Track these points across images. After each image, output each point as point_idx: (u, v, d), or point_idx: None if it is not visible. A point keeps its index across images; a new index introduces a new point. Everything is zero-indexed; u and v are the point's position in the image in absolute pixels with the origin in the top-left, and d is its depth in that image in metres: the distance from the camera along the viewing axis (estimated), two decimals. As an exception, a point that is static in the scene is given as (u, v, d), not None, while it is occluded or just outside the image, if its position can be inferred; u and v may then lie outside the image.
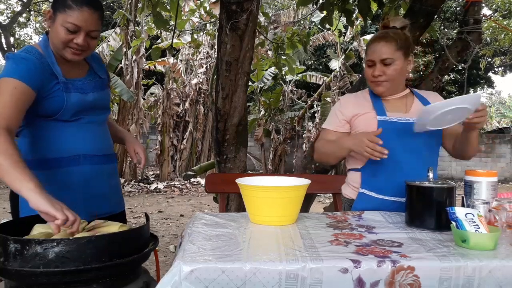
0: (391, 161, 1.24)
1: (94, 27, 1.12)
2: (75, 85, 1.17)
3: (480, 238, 0.87)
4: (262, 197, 1.04)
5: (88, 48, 1.15)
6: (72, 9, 1.08)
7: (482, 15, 2.26)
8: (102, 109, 1.25)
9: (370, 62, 1.29)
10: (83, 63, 1.25)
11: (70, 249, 0.90)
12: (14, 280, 0.95)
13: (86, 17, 1.09)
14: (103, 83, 1.26)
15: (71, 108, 1.14)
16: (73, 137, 1.16)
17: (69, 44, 1.11)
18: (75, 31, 1.10)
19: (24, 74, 1.06)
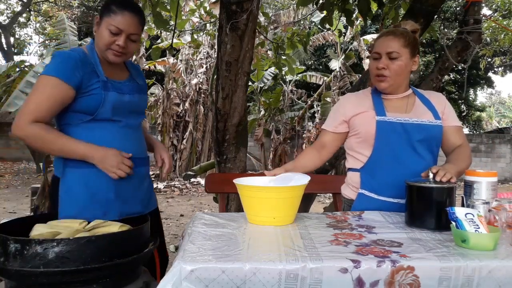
0: (390, 162, 1.24)
1: (134, 30, 1.21)
2: (114, 85, 1.23)
3: (480, 238, 0.87)
4: (259, 197, 1.04)
5: (127, 51, 1.23)
6: (116, 14, 1.19)
7: (482, 15, 2.25)
8: (138, 113, 1.32)
9: (376, 54, 1.28)
10: (124, 68, 1.33)
11: (70, 249, 0.90)
12: (14, 280, 0.95)
13: (127, 21, 1.19)
14: (140, 88, 1.33)
15: (108, 106, 1.19)
16: (110, 138, 1.21)
17: (111, 46, 1.20)
18: (117, 33, 1.19)
19: (65, 72, 1.14)
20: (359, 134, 1.30)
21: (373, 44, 1.32)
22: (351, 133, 1.33)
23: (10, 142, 10.93)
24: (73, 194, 1.19)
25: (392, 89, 1.30)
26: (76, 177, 1.18)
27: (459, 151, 1.27)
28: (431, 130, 1.26)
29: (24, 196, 5.76)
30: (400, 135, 1.25)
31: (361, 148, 1.30)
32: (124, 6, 1.19)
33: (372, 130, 1.26)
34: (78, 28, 9.34)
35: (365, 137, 1.28)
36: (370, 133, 1.26)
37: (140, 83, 1.34)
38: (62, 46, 7.29)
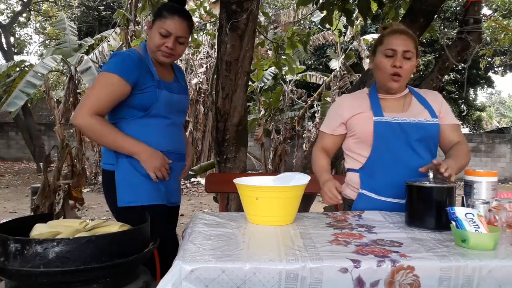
0: (389, 162, 1.24)
1: (182, 33, 1.31)
2: (165, 85, 1.33)
3: (480, 238, 0.87)
4: (259, 197, 1.04)
5: (176, 53, 1.33)
6: (166, 18, 1.29)
7: (482, 15, 2.25)
8: (183, 112, 1.44)
9: (391, 51, 1.24)
10: (170, 70, 1.43)
11: (70, 249, 0.90)
12: (14, 280, 0.95)
13: (176, 24, 1.30)
14: (184, 89, 1.44)
15: (161, 104, 1.30)
16: (159, 134, 1.31)
17: (161, 47, 1.30)
18: (166, 36, 1.29)
19: (124, 69, 1.25)
20: (356, 135, 1.30)
21: (382, 40, 1.28)
22: (348, 134, 1.33)
23: (11, 142, 10.93)
24: (129, 180, 1.29)
25: (399, 89, 1.30)
26: (129, 165, 1.29)
27: (458, 148, 1.27)
28: (428, 128, 1.26)
29: (24, 196, 5.76)
30: (398, 134, 1.25)
31: (359, 149, 1.30)
32: (174, 11, 1.30)
33: (370, 131, 1.25)
34: (78, 28, 9.34)
35: (363, 138, 1.28)
36: (367, 134, 1.26)
37: (183, 84, 1.45)
38: (62, 46, 7.31)
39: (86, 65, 6.06)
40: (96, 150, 7.30)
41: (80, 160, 2.44)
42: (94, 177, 7.46)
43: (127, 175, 1.29)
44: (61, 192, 2.20)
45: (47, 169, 2.27)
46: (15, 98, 5.63)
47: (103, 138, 1.25)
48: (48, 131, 10.20)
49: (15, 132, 10.64)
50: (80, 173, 2.31)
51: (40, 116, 11.60)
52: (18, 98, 5.64)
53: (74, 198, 2.27)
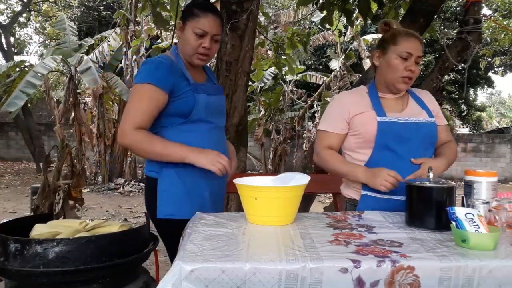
0: (391, 161, 1.24)
1: (217, 31, 1.27)
2: (201, 88, 1.28)
3: (480, 238, 0.87)
4: (259, 197, 1.04)
5: (211, 52, 1.28)
6: (199, 17, 1.24)
7: (482, 15, 2.25)
8: (223, 113, 1.37)
9: (407, 54, 1.25)
10: (202, 71, 1.38)
11: (70, 249, 0.90)
12: (14, 280, 0.95)
13: (211, 22, 1.24)
14: (220, 90, 1.39)
15: (201, 108, 1.25)
16: (203, 139, 1.26)
17: (198, 49, 1.25)
18: (202, 36, 1.24)
19: (159, 78, 1.20)
20: (360, 134, 1.29)
21: (396, 40, 1.27)
22: (350, 133, 1.32)
23: (11, 142, 10.94)
24: (171, 192, 1.24)
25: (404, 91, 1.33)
26: (174, 175, 1.24)
27: (449, 146, 1.36)
28: (428, 128, 1.28)
29: (24, 196, 5.76)
30: (401, 134, 1.25)
31: (360, 148, 1.30)
32: (207, 9, 1.25)
33: (374, 131, 1.25)
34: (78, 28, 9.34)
35: (366, 138, 1.27)
36: (371, 134, 1.26)
37: (216, 84, 1.40)
38: (62, 46, 7.31)
39: (86, 65, 6.07)
40: (96, 151, 7.31)
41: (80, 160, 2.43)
42: (94, 177, 7.47)
43: (171, 186, 1.23)
44: (61, 192, 2.20)
45: (47, 169, 2.26)
46: (15, 98, 5.63)
47: (150, 150, 1.19)
48: (48, 131, 10.20)
49: (15, 132, 10.64)
50: (80, 173, 2.30)
51: (40, 116, 11.60)
52: (18, 98, 5.64)
53: (74, 198, 2.27)
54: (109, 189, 6.76)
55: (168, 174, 1.24)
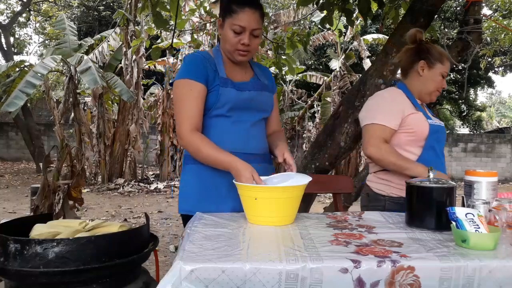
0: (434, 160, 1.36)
1: (256, 25, 1.21)
2: (234, 83, 1.25)
3: (480, 238, 0.87)
4: (259, 197, 1.04)
5: (252, 48, 1.24)
6: (236, 12, 1.20)
7: (482, 15, 2.25)
8: (258, 110, 1.31)
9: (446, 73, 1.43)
10: (248, 69, 1.35)
11: (70, 249, 0.90)
12: (14, 280, 0.95)
13: (249, 17, 1.20)
14: (263, 86, 1.33)
15: (224, 102, 1.22)
16: (225, 133, 1.25)
17: (237, 46, 1.22)
18: (240, 32, 1.21)
19: (194, 72, 1.22)
20: (414, 133, 1.37)
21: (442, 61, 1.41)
22: (402, 130, 1.38)
23: (10, 142, 10.94)
24: (188, 189, 1.26)
25: None
26: (192, 173, 1.26)
27: None
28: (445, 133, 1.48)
29: (24, 196, 5.76)
30: (441, 136, 1.42)
31: (410, 146, 1.38)
32: (243, 3, 1.20)
33: (426, 131, 1.36)
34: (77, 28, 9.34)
35: (419, 137, 1.37)
36: (423, 134, 1.36)
37: (265, 82, 1.35)
38: (61, 46, 7.31)
39: (86, 65, 6.06)
40: (96, 151, 7.31)
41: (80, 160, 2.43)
42: (94, 177, 7.47)
43: (190, 182, 1.25)
44: (61, 193, 2.20)
45: (46, 169, 2.26)
46: (14, 98, 5.63)
47: (199, 153, 1.20)
48: (48, 131, 10.21)
49: (14, 132, 10.64)
50: (79, 173, 2.30)
51: (40, 116, 11.61)
52: (18, 98, 5.64)
53: (74, 198, 2.26)
54: (109, 189, 6.76)
55: (188, 172, 1.26)
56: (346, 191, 1.80)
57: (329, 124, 2.39)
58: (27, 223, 1.09)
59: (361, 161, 8.14)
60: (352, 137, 2.27)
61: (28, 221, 1.12)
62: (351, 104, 2.27)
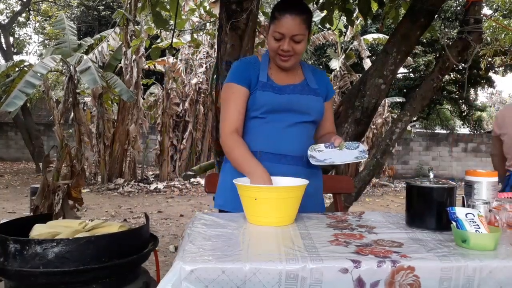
0: None
1: (297, 31, 1.22)
2: (273, 86, 1.27)
3: (480, 238, 0.87)
4: (259, 197, 1.03)
5: (294, 53, 1.25)
6: (277, 19, 1.22)
7: (483, 15, 2.25)
8: (299, 112, 1.30)
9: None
10: (299, 73, 1.35)
11: (70, 249, 0.90)
12: (14, 280, 0.95)
13: (288, 24, 1.21)
14: (309, 90, 1.33)
15: (260, 105, 1.26)
16: (257, 133, 1.28)
17: (278, 51, 1.25)
18: (280, 39, 1.23)
19: (236, 75, 1.28)
20: None
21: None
22: None
23: (10, 142, 10.93)
24: (222, 186, 1.33)
25: None
26: (227, 171, 1.31)
27: None
28: None
29: (24, 196, 5.76)
30: None
31: None
32: (284, 10, 1.21)
33: None
34: (77, 28, 9.34)
35: None
36: None
37: (313, 87, 1.34)
38: (61, 46, 7.31)
39: (86, 65, 6.06)
40: (95, 151, 7.31)
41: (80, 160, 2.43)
42: (94, 177, 7.47)
43: (226, 179, 1.30)
44: (60, 193, 2.20)
45: (46, 169, 2.26)
46: (14, 98, 5.63)
47: (231, 155, 1.25)
48: (47, 131, 10.20)
49: (14, 132, 10.64)
50: (79, 173, 2.30)
51: (39, 116, 11.60)
52: (18, 98, 5.63)
53: (74, 198, 2.26)
54: (109, 189, 6.76)
55: (225, 170, 1.33)
56: (346, 191, 1.79)
57: (329, 124, 2.39)
58: (26, 223, 1.09)
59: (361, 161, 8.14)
60: (352, 137, 2.26)
61: (27, 221, 1.12)
62: (351, 104, 2.27)
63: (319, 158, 1.23)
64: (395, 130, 2.27)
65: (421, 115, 12.27)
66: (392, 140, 2.29)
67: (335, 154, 1.23)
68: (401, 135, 2.34)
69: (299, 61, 1.32)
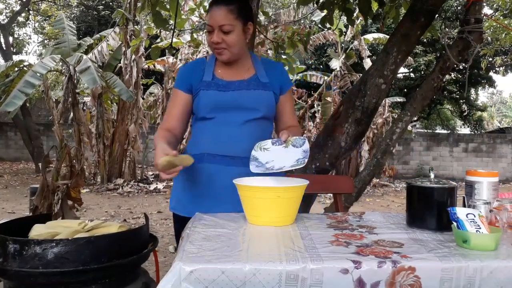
0: None
1: (223, 21, 1.19)
2: (219, 84, 1.26)
3: (481, 238, 0.86)
4: (259, 197, 1.03)
5: (227, 45, 1.22)
6: (208, 13, 1.23)
7: (483, 15, 2.25)
8: (246, 109, 1.25)
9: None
10: (250, 69, 1.31)
11: (69, 249, 0.90)
12: (13, 280, 0.95)
13: (215, 15, 1.21)
14: (258, 84, 1.28)
15: (203, 105, 1.25)
16: (203, 135, 1.27)
17: (212, 45, 1.24)
18: (210, 31, 1.22)
19: (179, 81, 1.30)
20: None
21: None
22: None
23: (9, 142, 10.93)
24: (174, 189, 1.32)
25: None
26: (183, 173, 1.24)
27: None
28: None
29: (23, 196, 5.75)
30: None
31: None
32: (212, 3, 1.22)
33: None
34: (77, 28, 9.34)
35: None
36: None
37: (263, 81, 1.29)
38: (61, 46, 7.30)
39: (85, 64, 6.06)
40: (95, 151, 7.31)
41: (79, 161, 2.43)
42: (93, 177, 7.46)
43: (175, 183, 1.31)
44: (60, 193, 2.19)
45: (45, 170, 2.26)
46: (13, 98, 5.62)
47: None
48: (47, 131, 10.20)
49: (13, 132, 10.64)
50: (79, 174, 2.30)
51: (39, 116, 11.60)
52: (17, 98, 5.63)
53: (73, 198, 2.26)
54: (108, 190, 6.75)
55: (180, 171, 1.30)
56: (346, 191, 1.79)
57: (329, 124, 2.39)
58: (26, 224, 1.08)
59: (361, 161, 8.14)
60: (352, 137, 2.26)
61: (27, 222, 1.12)
62: (352, 104, 2.26)
63: (261, 161, 1.19)
64: (395, 130, 2.27)
65: (422, 115, 12.27)
66: (392, 140, 2.28)
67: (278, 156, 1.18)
68: (402, 135, 2.33)
69: (239, 54, 1.25)
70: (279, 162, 1.17)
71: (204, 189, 1.25)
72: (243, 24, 1.22)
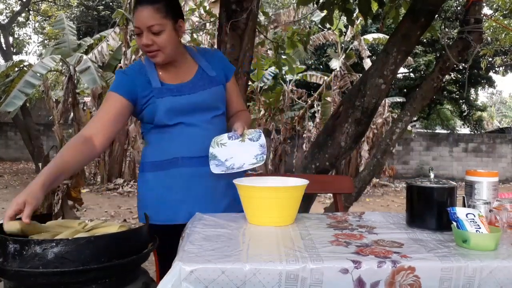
0: None
1: (151, 22, 1.12)
2: (171, 89, 1.19)
3: (481, 238, 0.87)
4: (259, 197, 1.03)
5: (159, 47, 1.15)
6: (134, 15, 1.15)
7: (483, 15, 2.25)
8: (205, 109, 1.22)
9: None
10: (192, 64, 1.25)
11: (69, 249, 0.90)
12: (13, 280, 0.95)
13: (140, 16, 1.13)
14: (207, 81, 1.24)
15: (162, 113, 1.18)
16: (172, 140, 1.21)
17: (143, 48, 1.16)
18: (139, 34, 1.15)
19: (117, 85, 1.19)
20: None
21: None
22: None
23: (9, 142, 10.93)
24: (142, 198, 1.25)
25: None
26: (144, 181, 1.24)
27: None
28: None
29: (24, 196, 5.74)
30: None
31: None
32: (136, 3, 1.14)
33: None
34: (77, 28, 9.35)
35: None
36: None
37: (211, 74, 1.24)
38: (61, 46, 7.31)
39: (85, 65, 6.06)
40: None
41: (80, 160, 2.43)
42: (93, 177, 7.46)
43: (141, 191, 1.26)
44: (60, 193, 2.19)
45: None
46: (14, 98, 5.63)
47: None
48: (47, 131, 10.20)
49: (13, 132, 10.64)
50: (79, 174, 2.30)
51: (39, 116, 11.60)
52: (17, 98, 5.64)
53: (73, 198, 2.26)
54: (108, 190, 6.76)
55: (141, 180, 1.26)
56: (346, 191, 1.79)
57: (329, 124, 2.39)
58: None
59: (361, 161, 8.14)
60: (352, 137, 2.26)
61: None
62: (352, 104, 2.26)
63: (220, 159, 1.16)
64: (395, 130, 2.27)
65: (422, 115, 12.28)
66: (392, 140, 2.29)
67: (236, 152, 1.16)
68: (402, 135, 2.33)
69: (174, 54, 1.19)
70: (239, 160, 1.16)
71: (184, 192, 1.20)
72: (173, 22, 1.15)
